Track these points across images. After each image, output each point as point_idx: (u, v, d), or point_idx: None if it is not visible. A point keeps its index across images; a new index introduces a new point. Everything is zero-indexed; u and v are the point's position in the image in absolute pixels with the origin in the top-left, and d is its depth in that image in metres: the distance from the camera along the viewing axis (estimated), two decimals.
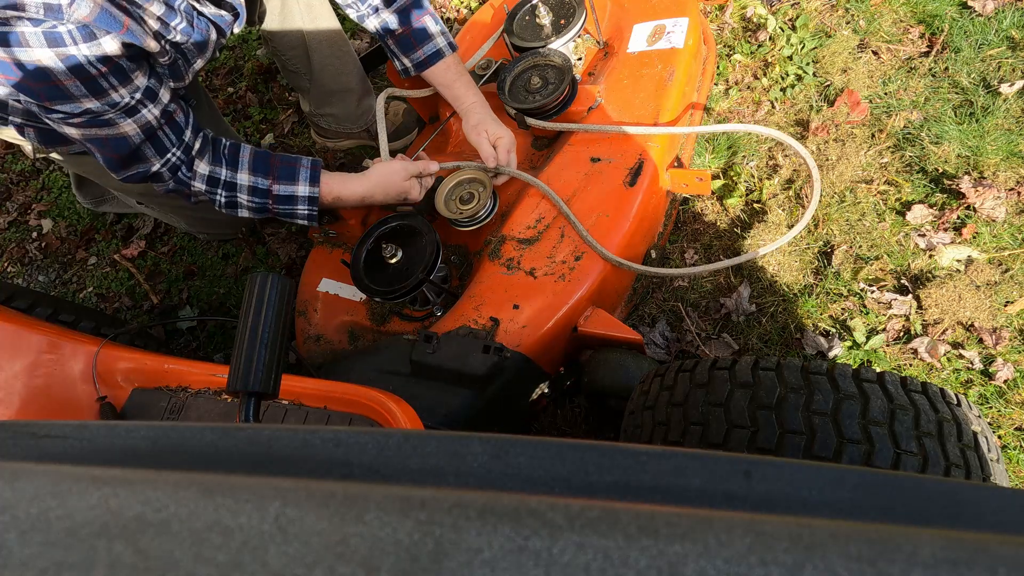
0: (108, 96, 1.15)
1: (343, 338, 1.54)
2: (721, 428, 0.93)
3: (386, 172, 1.44)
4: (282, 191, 1.36)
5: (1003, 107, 1.63)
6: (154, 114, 1.23)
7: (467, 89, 1.54)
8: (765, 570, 0.29)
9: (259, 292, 0.77)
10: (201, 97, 1.71)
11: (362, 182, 1.43)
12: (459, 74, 1.54)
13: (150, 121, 1.23)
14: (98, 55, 1.10)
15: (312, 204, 1.37)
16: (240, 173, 1.34)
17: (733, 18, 2.05)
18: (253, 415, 0.74)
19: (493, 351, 1.22)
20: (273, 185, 1.35)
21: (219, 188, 1.34)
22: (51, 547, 0.33)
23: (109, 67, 1.13)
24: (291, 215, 1.40)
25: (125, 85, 1.17)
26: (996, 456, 0.91)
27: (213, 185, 1.34)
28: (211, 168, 1.33)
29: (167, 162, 1.29)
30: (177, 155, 1.30)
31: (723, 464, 0.43)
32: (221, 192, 1.35)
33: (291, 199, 1.36)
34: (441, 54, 1.50)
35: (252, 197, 1.36)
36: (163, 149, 1.28)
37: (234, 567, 0.31)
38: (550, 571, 0.29)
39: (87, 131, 1.20)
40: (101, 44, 1.10)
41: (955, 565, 0.29)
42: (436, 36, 1.49)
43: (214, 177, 1.34)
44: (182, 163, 1.31)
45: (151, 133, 1.25)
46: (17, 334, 1.22)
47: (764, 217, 1.68)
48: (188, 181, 1.33)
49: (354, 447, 0.45)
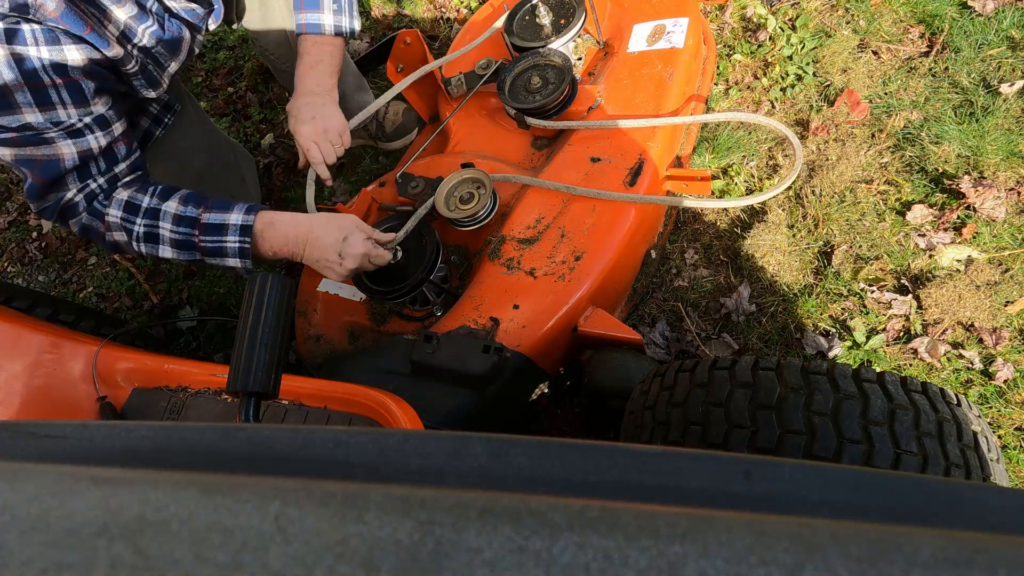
0: (54, 111, 1.08)
1: (343, 338, 1.54)
2: (721, 428, 0.93)
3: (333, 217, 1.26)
4: (211, 219, 1.20)
5: (1003, 107, 1.63)
6: (99, 143, 1.16)
7: (308, 70, 1.40)
8: (765, 570, 0.29)
9: (259, 292, 0.77)
10: (186, 102, 1.69)
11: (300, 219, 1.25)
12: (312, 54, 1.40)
13: (91, 148, 1.15)
14: (56, 62, 1.04)
15: (244, 234, 1.20)
16: (168, 202, 1.21)
17: (733, 18, 2.05)
18: (253, 415, 0.74)
19: (493, 351, 1.22)
20: (203, 214, 1.20)
21: (138, 216, 1.20)
22: (51, 547, 0.33)
23: (65, 80, 1.07)
24: (220, 250, 1.21)
25: (77, 106, 1.10)
26: (996, 456, 0.91)
27: (131, 212, 1.20)
28: (131, 195, 1.21)
29: (84, 188, 1.18)
30: (99, 183, 1.19)
31: (723, 464, 0.43)
32: (140, 221, 1.20)
33: (221, 228, 1.20)
34: (319, 28, 1.39)
35: (176, 227, 1.20)
36: (86, 176, 1.18)
37: (234, 567, 0.31)
38: (550, 571, 0.29)
39: (20, 150, 1.09)
40: (63, 51, 1.05)
41: (955, 565, 0.29)
42: (324, 11, 1.39)
43: (133, 204, 1.20)
44: (101, 191, 1.20)
45: (85, 161, 1.16)
46: (17, 334, 1.22)
47: (764, 217, 1.68)
48: (102, 211, 1.20)
49: (354, 447, 0.45)
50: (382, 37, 2.37)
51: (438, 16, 2.47)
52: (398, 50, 1.77)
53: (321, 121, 1.39)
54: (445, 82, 1.74)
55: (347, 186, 2.13)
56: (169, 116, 1.58)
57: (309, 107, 1.39)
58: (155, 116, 1.55)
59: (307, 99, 1.40)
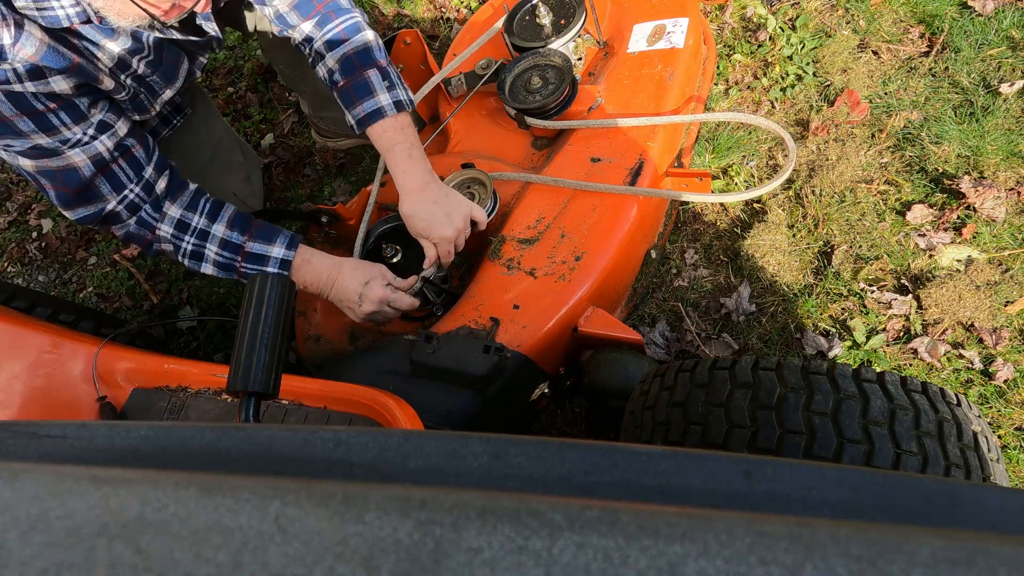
0: (59, 133, 1.12)
1: (343, 338, 1.54)
2: (721, 428, 0.93)
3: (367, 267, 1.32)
4: (255, 249, 1.28)
5: (1003, 107, 1.63)
6: (106, 146, 1.17)
7: (403, 161, 1.31)
8: (765, 570, 0.29)
9: (259, 292, 0.77)
10: (198, 103, 1.69)
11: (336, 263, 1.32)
12: (397, 142, 1.31)
13: (101, 153, 1.17)
14: (46, 92, 1.07)
15: (284, 268, 1.29)
16: (217, 225, 1.27)
17: (733, 18, 2.05)
18: (253, 415, 0.74)
19: (493, 351, 1.22)
20: (248, 242, 1.28)
21: (188, 235, 1.27)
22: (51, 547, 0.33)
23: (59, 104, 1.10)
24: None
25: (77, 122, 1.13)
26: (996, 456, 0.91)
27: (181, 230, 1.26)
28: (183, 213, 1.26)
29: (124, 199, 1.21)
30: (136, 192, 1.22)
31: (723, 464, 0.43)
32: (189, 239, 1.27)
33: (262, 259, 1.28)
34: (381, 113, 1.29)
35: (222, 250, 1.28)
36: (119, 185, 1.21)
37: (234, 567, 0.31)
38: (550, 571, 0.29)
39: (39, 162, 1.14)
40: (50, 83, 1.07)
41: (955, 565, 0.29)
42: (378, 93, 1.30)
43: (184, 222, 1.26)
44: (143, 202, 1.24)
45: (103, 166, 1.18)
46: (17, 334, 1.22)
47: (764, 217, 1.68)
48: (153, 224, 1.25)
49: (354, 447, 0.45)
50: (382, 37, 2.37)
51: (438, 16, 2.47)
52: (398, 50, 1.77)
53: (453, 216, 1.30)
54: (445, 82, 1.74)
55: (347, 186, 2.13)
56: (178, 118, 1.59)
57: (436, 204, 1.29)
58: (164, 117, 1.55)
59: (429, 194, 1.30)
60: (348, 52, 1.31)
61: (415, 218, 1.31)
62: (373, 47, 1.33)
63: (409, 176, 1.30)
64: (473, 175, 1.47)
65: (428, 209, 1.30)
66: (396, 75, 1.35)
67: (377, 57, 1.33)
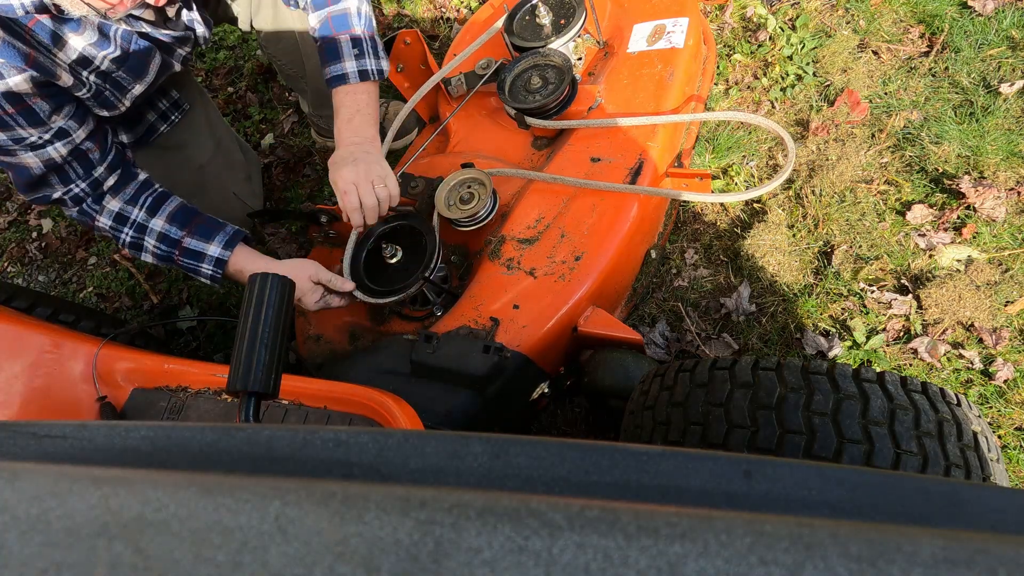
0: (14, 131, 1.14)
1: (343, 338, 1.54)
2: (721, 428, 0.93)
3: (294, 265, 1.37)
4: (192, 245, 1.33)
5: (1003, 107, 1.63)
6: (60, 152, 1.22)
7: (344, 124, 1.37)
8: (765, 570, 0.29)
9: (259, 292, 0.77)
10: (197, 100, 1.70)
11: (268, 265, 1.39)
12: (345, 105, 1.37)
13: (53, 158, 1.22)
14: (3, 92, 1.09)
15: (219, 267, 1.34)
16: (156, 219, 1.32)
17: (733, 18, 2.05)
18: (253, 415, 0.74)
19: (493, 351, 1.22)
20: (185, 238, 1.33)
21: (126, 227, 1.32)
22: (51, 547, 0.33)
23: (18, 108, 1.12)
24: (195, 271, 1.36)
25: (34, 126, 1.16)
26: (996, 456, 0.91)
27: (120, 223, 1.32)
28: (122, 206, 1.31)
29: (69, 191, 1.28)
30: (81, 187, 1.28)
31: (723, 464, 0.42)
32: (127, 231, 1.32)
33: (199, 255, 1.33)
34: (344, 79, 1.35)
35: (160, 244, 1.33)
36: (67, 180, 1.26)
37: (234, 567, 0.31)
38: (550, 571, 0.29)
39: None
40: (7, 81, 1.08)
41: (955, 565, 0.29)
42: (345, 60, 1.34)
43: (123, 215, 1.31)
44: (87, 195, 1.29)
45: (54, 167, 1.23)
46: (17, 334, 1.22)
47: (764, 217, 1.68)
48: (92, 215, 1.31)
49: (354, 447, 0.45)
50: (382, 37, 2.37)
51: (438, 16, 2.47)
52: (398, 50, 1.77)
53: (363, 165, 1.33)
54: (445, 82, 1.74)
55: None
56: (177, 114, 1.59)
57: (350, 155, 1.34)
58: (162, 112, 1.56)
59: (348, 149, 1.35)
60: (326, 15, 1.35)
61: (332, 166, 1.35)
62: (352, 13, 1.35)
63: (342, 135, 1.36)
64: (473, 175, 1.46)
65: (340, 159, 1.34)
66: (370, 44, 1.37)
67: (352, 24, 1.35)
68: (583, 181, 1.41)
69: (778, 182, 1.35)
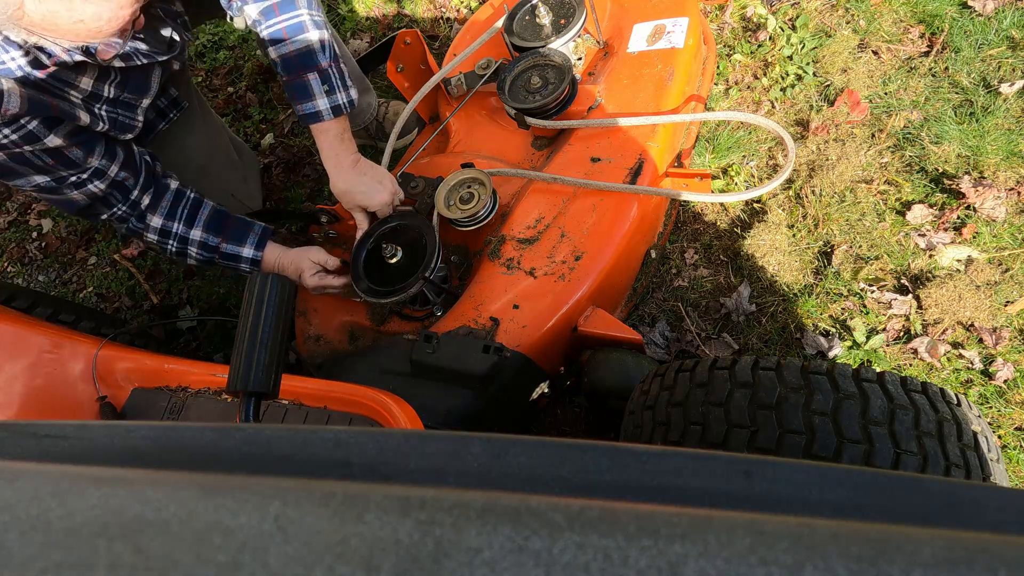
0: (58, 173, 1.26)
1: (343, 338, 1.54)
2: (721, 428, 0.93)
3: (303, 250, 1.53)
4: (228, 250, 1.49)
5: (1003, 107, 1.63)
6: (99, 187, 1.33)
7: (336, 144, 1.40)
8: (765, 570, 0.29)
9: (259, 292, 0.77)
10: (194, 100, 1.70)
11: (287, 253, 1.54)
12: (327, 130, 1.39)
13: (95, 192, 1.34)
14: (43, 150, 1.20)
15: (255, 265, 1.52)
16: (194, 230, 1.46)
17: (733, 18, 2.05)
18: (253, 415, 0.74)
19: (493, 351, 1.22)
20: (222, 244, 1.48)
21: (171, 240, 1.46)
22: (51, 547, 0.33)
23: (58, 160, 1.24)
24: (236, 269, 1.54)
25: (74, 169, 1.28)
26: (996, 456, 0.91)
27: (164, 237, 1.46)
28: (163, 222, 1.45)
29: (114, 214, 1.41)
30: (123, 210, 1.40)
31: (723, 464, 0.42)
32: (172, 243, 1.47)
33: (236, 258, 1.50)
34: (319, 117, 1.36)
35: (201, 251, 1.48)
36: (110, 205, 1.39)
37: (234, 567, 0.31)
38: (550, 571, 0.29)
39: (42, 195, 1.32)
40: (45, 143, 1.18)
41: (955, 565, 0.29)
42: (316, 98, 1.35)
43: (166, 230, 1.45)
44: (130, 216, 1.42)
45: (96, 198, 1.35)
46: (17, 334, 1.22)
47: (764, 217, 1.68)
48: (140, 231, 1.46)
49: (354, 447, 0.45)
50: (382, 37, 2.37)
51: (438, 16, 2.47)
52: (398, 50, 1.77)
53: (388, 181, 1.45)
54: (445, 82, 1.74)
55: None
56: (175, 112, 1.60)
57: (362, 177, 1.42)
58: (161, 111, 1.57)
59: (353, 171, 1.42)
60: (288, 53, 1.32)
61: (353, 192, 1.43)
62: (315, 49, 1.33)
63: (341, 157, 1.41)
64: (473, 175, 1.46)
65: (363, 181, 1.43)
66: (338, 77, 1.37)
67: (318, 60, 1.33)
68: (583, 181, 1.41)
69: (778, 182, 1.35)
